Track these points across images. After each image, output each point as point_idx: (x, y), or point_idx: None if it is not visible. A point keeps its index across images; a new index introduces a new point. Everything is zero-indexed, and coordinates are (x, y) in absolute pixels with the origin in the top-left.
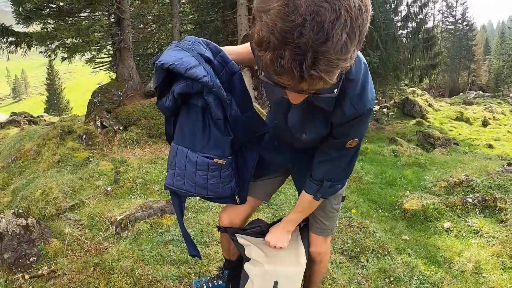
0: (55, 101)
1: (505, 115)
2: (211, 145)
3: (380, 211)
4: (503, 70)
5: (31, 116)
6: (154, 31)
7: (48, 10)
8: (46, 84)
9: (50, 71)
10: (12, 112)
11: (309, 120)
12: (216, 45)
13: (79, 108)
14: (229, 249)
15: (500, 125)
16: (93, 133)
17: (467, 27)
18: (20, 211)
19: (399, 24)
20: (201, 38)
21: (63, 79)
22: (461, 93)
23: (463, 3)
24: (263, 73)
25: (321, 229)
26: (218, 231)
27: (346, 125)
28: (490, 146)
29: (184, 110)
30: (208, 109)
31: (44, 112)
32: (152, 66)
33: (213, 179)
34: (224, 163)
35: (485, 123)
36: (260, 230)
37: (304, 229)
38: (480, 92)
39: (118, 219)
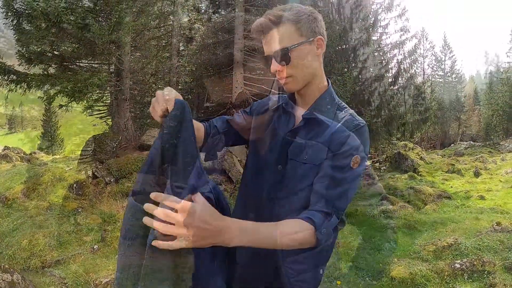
0: (50, 138)
1: (496, 164)
2: None
3: (367, 279)
4: (492, 119)
5: (24, 152)
6: (152, 82)
7: (50, 54)
8: (42, 120)
9: (47, 108)
10: (6, 146)
11: (312, 139)
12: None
13: (72, 146)
14: None
15: (492, 174)
16: (84, 183)
17: (456, 79)
18: (7, 266)
19: (390, 80)
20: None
21: (60, 116)
22: (452, 144)
23: (452, 56)
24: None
25: None
26: None
27: (347, 135)
28: (482, 198)
29: None
30: None
31: (38, 148)
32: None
33: None
34: None
35: (477, 174)
36: None
37: None
38: (471, 142)
39: (103, 282)
